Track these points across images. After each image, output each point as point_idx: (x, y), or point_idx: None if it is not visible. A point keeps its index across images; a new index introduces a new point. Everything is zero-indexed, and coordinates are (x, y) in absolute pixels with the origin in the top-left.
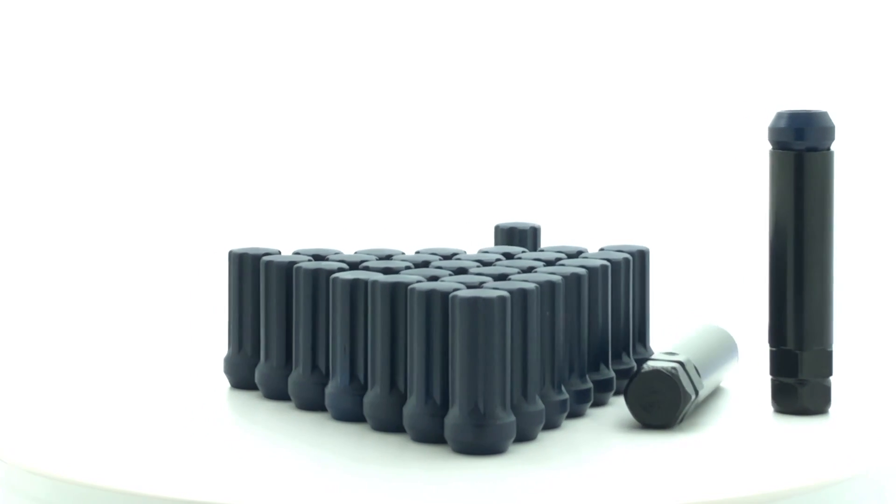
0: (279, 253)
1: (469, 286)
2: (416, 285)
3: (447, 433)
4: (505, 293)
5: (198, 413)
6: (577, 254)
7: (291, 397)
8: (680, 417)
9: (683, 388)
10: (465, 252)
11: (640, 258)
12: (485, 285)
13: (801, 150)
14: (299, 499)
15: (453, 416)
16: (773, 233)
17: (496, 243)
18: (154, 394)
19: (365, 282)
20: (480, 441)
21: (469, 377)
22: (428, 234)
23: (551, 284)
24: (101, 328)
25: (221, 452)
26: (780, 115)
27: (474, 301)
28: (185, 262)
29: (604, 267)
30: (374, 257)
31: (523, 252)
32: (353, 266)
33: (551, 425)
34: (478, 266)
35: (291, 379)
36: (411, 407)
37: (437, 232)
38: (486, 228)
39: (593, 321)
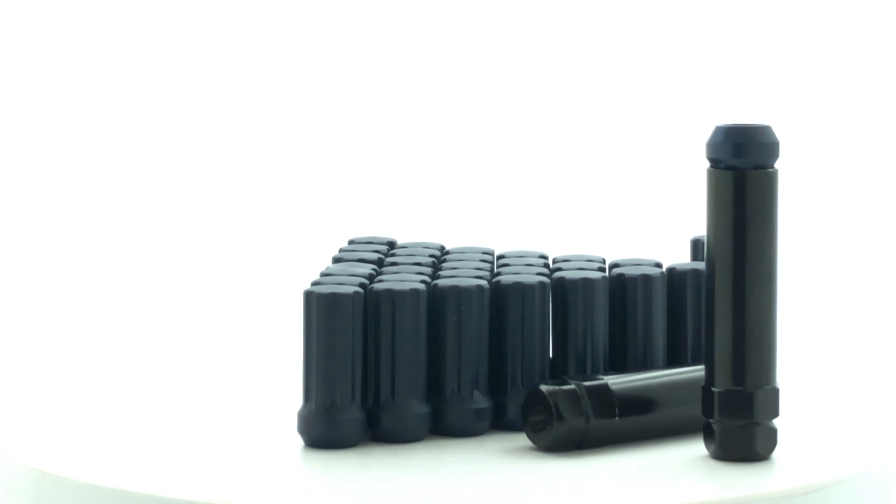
0: (390, 243)
1: (369, 284)
2: (320, 279)
3: (297, 426)
4: (349, 291)
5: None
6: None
7: None
8: (574, 441)
9: (558, 410)
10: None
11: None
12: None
13: (741, 169)
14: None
15: (302, 407)
16: (708, 262)
17: (690, 256)
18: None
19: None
20: (324, 434)
21: (306, 368)
22: (624, 243)
23: (456, 289)
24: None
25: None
26: (717, 130)
27: (309, 294)
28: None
29: (586, 281)
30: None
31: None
32: (376, 262)
33: (464, 432)
34: (453, 268)
35: None
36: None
37: (637, 241)
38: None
39: (571, 333)
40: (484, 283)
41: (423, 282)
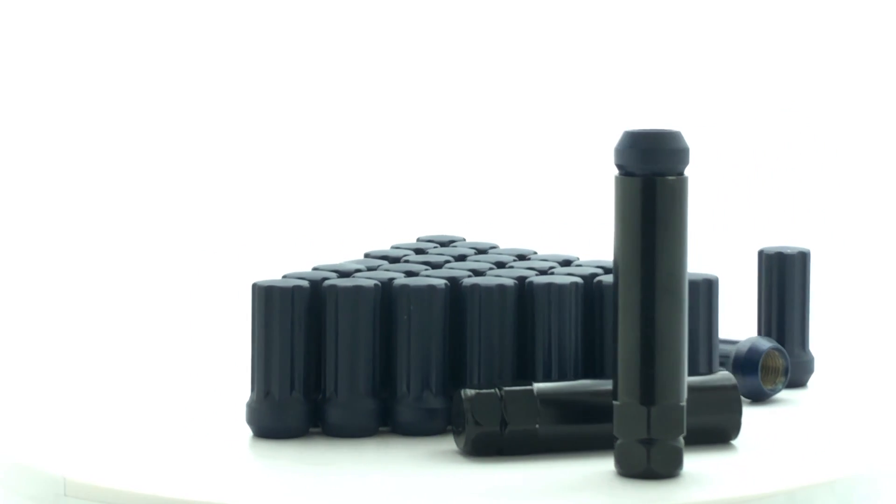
0: (448, 242)
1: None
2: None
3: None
4: (289, 285)
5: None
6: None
7: None
8: (491, 447)
9: (473, 415)
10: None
11: (706, 287)
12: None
13: (650, 176)
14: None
15: (249, 397)
16: (614, 271)
17: (759, 268)
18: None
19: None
20: (262, 424)
21: (251, 359)
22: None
23: (406, 288)
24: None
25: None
26: (625, 135)
27: (253, 287)
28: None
29: (552, 286)
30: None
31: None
32: (395, 260)
33: (415, 431)
34: (450, 268)
35: None
36: None
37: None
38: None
39: (538, 338)
40: (441, 283)
41: (391, 279)
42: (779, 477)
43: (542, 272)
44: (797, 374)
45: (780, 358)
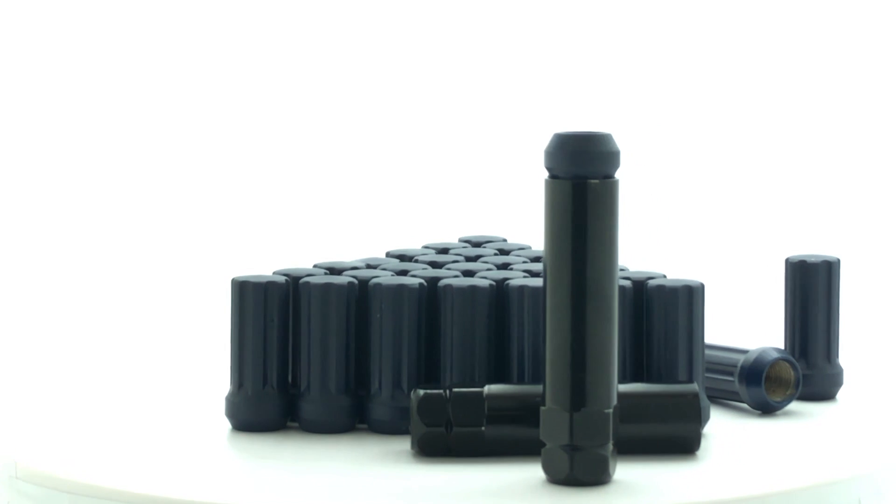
0: (483, 242)
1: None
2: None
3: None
4: (262, 280)
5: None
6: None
7: None
8: (438, 447)
9: (415, 415)
10: None
11: (686, 293)
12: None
13: (580, 179)
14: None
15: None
16: (543, 275)
17: (785, 277)
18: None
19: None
20: (237, 416)
21: (230, 353)
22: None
23: (379, 287)
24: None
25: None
26: (554, 137)
27: (231, 281)
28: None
29: (525, 288)
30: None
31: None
32: (409, 259)
33: (388, 429)
34: (447, 269)
35: None
36: None
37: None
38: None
39: (512, 340)
40: (415, 283)
41: (374, 278)
42: (712, 489)
43: (535, 275)
44: (822, 386)
45: (790, 369)
